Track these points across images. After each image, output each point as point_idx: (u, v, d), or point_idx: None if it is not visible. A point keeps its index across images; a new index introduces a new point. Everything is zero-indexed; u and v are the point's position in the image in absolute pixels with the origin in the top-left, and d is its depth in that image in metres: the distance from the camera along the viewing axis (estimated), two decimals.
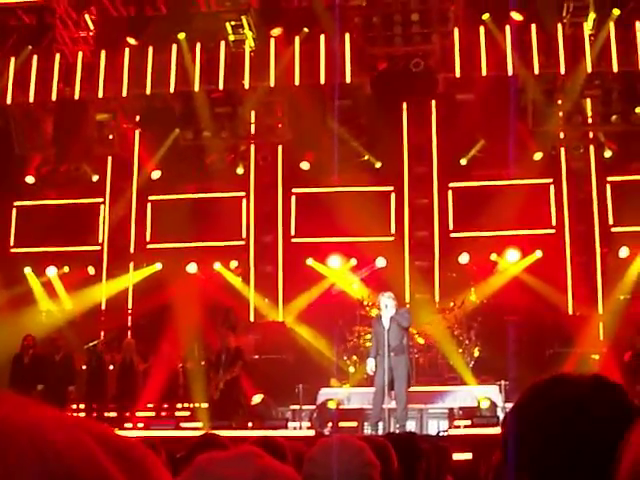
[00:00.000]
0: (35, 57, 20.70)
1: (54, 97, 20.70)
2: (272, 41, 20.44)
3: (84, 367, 17.87)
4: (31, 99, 20.63)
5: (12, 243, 21.56)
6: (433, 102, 20.90)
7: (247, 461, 1.88)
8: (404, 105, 20.74)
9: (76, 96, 20.86)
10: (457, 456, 10.60)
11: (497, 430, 11.67)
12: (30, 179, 21.11)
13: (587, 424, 1.87)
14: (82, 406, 17.40)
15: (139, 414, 17.18)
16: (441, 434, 13.93)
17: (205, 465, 1.88)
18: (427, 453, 6.30)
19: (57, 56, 20.80)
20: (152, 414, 17.32)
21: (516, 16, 19.57)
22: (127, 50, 20.83)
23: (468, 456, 11.54)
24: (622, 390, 1.98)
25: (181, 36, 20.31)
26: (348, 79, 20.25)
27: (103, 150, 20.95)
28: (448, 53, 20.05)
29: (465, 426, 14.63)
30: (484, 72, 19.97)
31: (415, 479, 5.44)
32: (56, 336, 18.05)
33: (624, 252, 19.42)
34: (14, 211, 21.67)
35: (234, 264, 20.42)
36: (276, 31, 20.67)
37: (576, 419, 1.88)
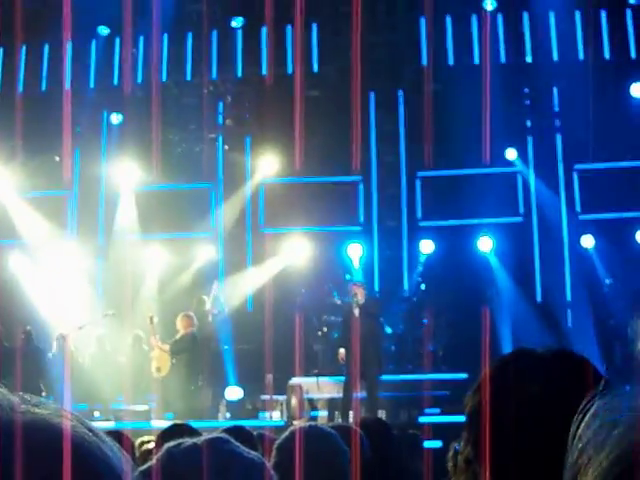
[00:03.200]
0: None
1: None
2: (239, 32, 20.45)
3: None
4: None
5: None
6: (400, 92, 20.93)
7: (215, 447, 1.90)
8: (371, 95, 20.75)
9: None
10: (428, 444, 10.63)
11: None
12: None
13: (552, 398, 1.87)
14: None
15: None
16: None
17: (174, 451, 1.90)
18: (398, 441, 6.33)
19: None
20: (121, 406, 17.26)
21: (487, 5, 19.64)
22: (94, 42, 20.81)
23: (438, 444, 11.58)
24: (588, 363, 1.98)
25: None
26: (315, 69, 20.26)
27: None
28: (415, 42, 20.12)
29: (435, 414, 14.70)
30: (451, 61, 20.05)
31: (387, 466, 5.47)
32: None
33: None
34: None
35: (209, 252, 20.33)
36: (239, 21, 20.66)
37: (541, 393, 1.88)
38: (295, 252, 19.64)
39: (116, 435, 5.43)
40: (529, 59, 20.29)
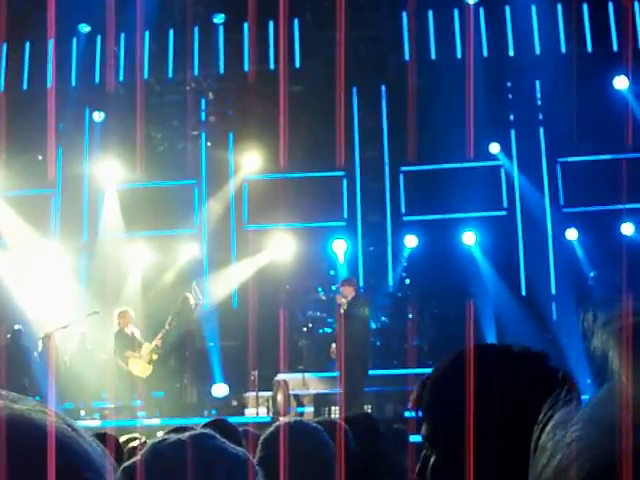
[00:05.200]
0: None
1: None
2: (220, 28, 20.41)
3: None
4: None
5: None
6: (383, 87, 20.95)
7: (200, 442, 1.89)
8: (354, 90, 20.75)
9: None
10: (413, 438, 10.63)
11: None
12: None
13: (513, 393, 1.86)
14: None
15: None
16: None
17: (159, 447, 1.89)
18: (384, 435, 6.32)
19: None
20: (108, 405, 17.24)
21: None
22: (75, 40, 20.75)
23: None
24: (548, 359, 1.98)
25: None
26: (298, 64, 20.26)
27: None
28: (397, 37, 20.14)
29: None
30: (434, 56, 20.08)
31: (373, 460, 5.46)
32: None
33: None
34: None
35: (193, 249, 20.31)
36: (221, 17, 20.65)
37: (496, 389, 1.87)
38: (279, 248, 19.63)
39: (101, 434, 5.42)
40: (511, 53, 20.33)
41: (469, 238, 19.71)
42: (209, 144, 21.45)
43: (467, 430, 1.80)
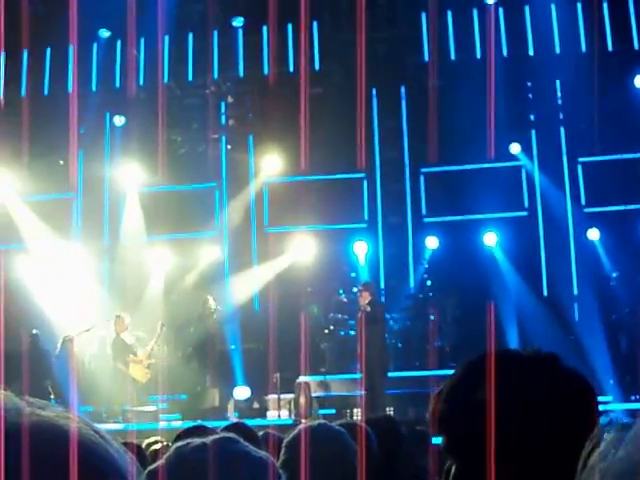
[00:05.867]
0: None
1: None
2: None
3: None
4: None
5: None
6: (402, 88, 20.92)
7: (223, 446, 1.90)
8: (374, 91, 20.73)
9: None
10: (436, 440, 10.61)
11: None
12: None
13: (531, 404, 1.85)
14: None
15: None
16: None
17: (183, 450, 1.90)
18: (406, 437, 6.31)
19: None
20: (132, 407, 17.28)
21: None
22: (95, 45, 20.86)
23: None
24: (560, 359, 1.96)
25: None
26: (317, 67, 20.27)
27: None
28: (417, 38, 20.13)
29: None
30: (453, 56, 20.05)
31: (396, 463, 5.45)
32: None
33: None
34: None
35: (214, 252, 20.32)
36: (240, 21, 20.69)
37: (519, 397, 1.86)
38: (300, 251, 19.61)
39: (122, 438, 5.44)
40: (531, 52, 20.28)
41: (490, 239, 19.65)
42: (229, 147, 21.48)
43: (484, 440, 1.79)
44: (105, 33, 21.20)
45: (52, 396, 16.45)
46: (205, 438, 1.99)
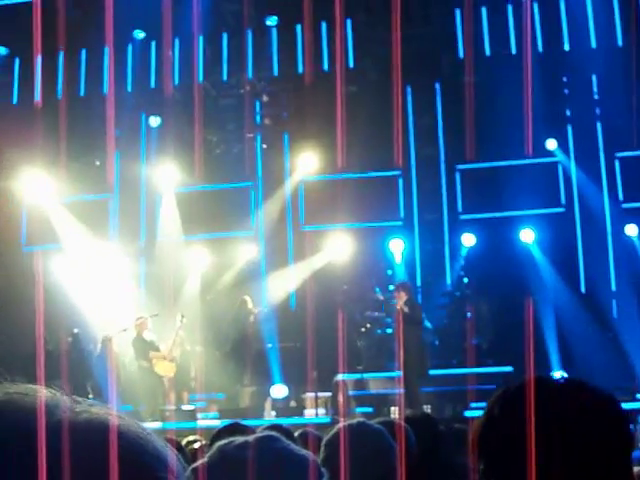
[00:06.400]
0: None
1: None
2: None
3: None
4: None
5: None
6: (437, 85, 20.88)
7: (266, 445, 1.90)
8: (408, 89, 20.69)
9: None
10: None
11: None
12: None
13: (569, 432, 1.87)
14: None
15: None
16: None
17: (226, 449, 1.90)
18: (444, 435, 6.30)
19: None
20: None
21: None
22: (130, 46, 21.00)
23: None
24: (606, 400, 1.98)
25: None
26: (352, 65, 20.26)
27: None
28: (451, 34, 20.07)
29: (481, 408, 14.66)
30: (488, 52, 19.97)
31: (434, 461, 5.44)
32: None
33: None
34: None
35: (251, 251, 20.36)
36: (273, 20, 20.73)
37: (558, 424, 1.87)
38: (336, 249, 19.61)
39: (163, 437, 5.45)
40: (567, 47, 20.15)
41: (527, 235, 19.56)
42: (264, 146, 21.53)
43: (521, 465, 1.81)
44: (140, 34, 21.33)
45: (91, 395, 16.56)
46: (247, 437, 1.99)
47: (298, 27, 20.37)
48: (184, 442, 7.28)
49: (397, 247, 19.93)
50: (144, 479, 0.92)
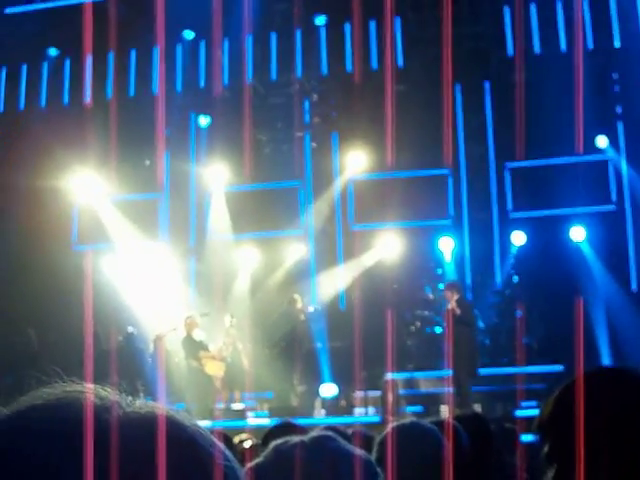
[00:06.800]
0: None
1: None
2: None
3: None
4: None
5: None
6: (486, 83, 20.79)
7: (322, 444, 1.91)
8: (457, 87, 20.63)
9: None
10: (524, 438, 10.50)
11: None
12: None
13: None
14: None
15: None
16: None
17: (282, 448, 1.91)
18: (495, 435, 6.28)
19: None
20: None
21: None
22: (180, 46, 21.16)
23: (535, 438, 11.41)
24: None
25: None
26: (401, 63, 20.23)
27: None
28: (500, 33, 19.98)
29: (531, 407, 14.57)
30: (537, 50, 19.84)
31: (485, 460, 5.43)
32: None
33: None
34: None
35: (300, 250, 20.39)
36: (322, 19, 20.76)
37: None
38: (386, 248, 19.59)
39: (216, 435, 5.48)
40: (617, 44, 19.97)
41: (578, 234, 19.42)
42: (314, 145, 21.55)
43: (584, 448, 1.83)
44: (189, 34, 21.45)
45: (142, 394, 16.65)
46: (301, 436, 2.00)
47: (347, 26, 20.37)
48: (236, 441, 7.31)
49: (447, 246, 19.87)
50: (208, 466, 0.94)
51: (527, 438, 11.08)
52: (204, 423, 15.28)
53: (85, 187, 20.62)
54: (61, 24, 20.74)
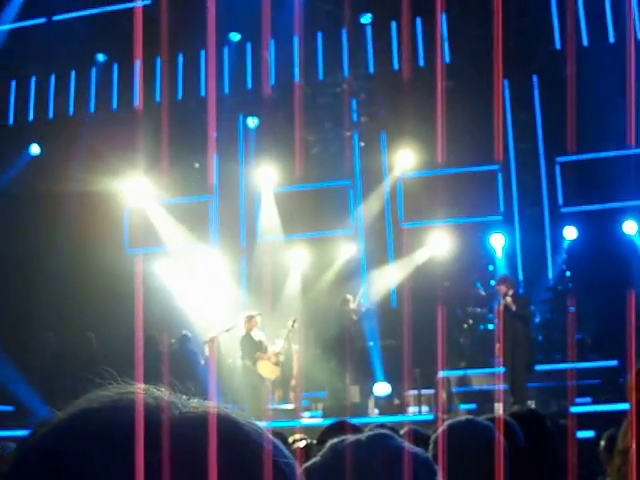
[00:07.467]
0: None
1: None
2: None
3: None
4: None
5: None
6: (534, 77, 20.66)
7: (379, 442, 1.91)
8: (505, 82, 20.51)
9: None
10: (580, 434, 10.44)
11: (619, 406, 11.48)
12: None
13: None
14: None
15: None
16: None
17: (339, 447, 1.92)
18: (551, 432, 6.24)
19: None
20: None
21: None
22: (226, 48, 21.26)
23: (590, 434, 11.35)
24: None
25: None
26: (448, 60, 20.16)
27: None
28: (547, 26, 19.82)
29: (587, 403, 14.48)
30: (585, 42, 19.67)
31: (542, 457, 5.39)
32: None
33: None
34: None
35: (351, 249, 20.39)
36: (368, 18, 20.74)
37: None
38: (436, 245, 19.54)
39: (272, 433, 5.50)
40: None
41: (630, 227, 19.23)
42: (362, 144, 21.55)
43: None
44: (235, 36, 21.53)
45: (195, 397, 16.73)
46: (358, 435, 2.01)
47: (393, 24, 20.33)
48: (290, 440, 7.33)
49: (498, 242, 19.78)
50: (265, 463, 0.95)
51: (583, 434, 11.00)
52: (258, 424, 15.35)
53: (136, 191, 20.78)
54: (108, 30, 20.93)
